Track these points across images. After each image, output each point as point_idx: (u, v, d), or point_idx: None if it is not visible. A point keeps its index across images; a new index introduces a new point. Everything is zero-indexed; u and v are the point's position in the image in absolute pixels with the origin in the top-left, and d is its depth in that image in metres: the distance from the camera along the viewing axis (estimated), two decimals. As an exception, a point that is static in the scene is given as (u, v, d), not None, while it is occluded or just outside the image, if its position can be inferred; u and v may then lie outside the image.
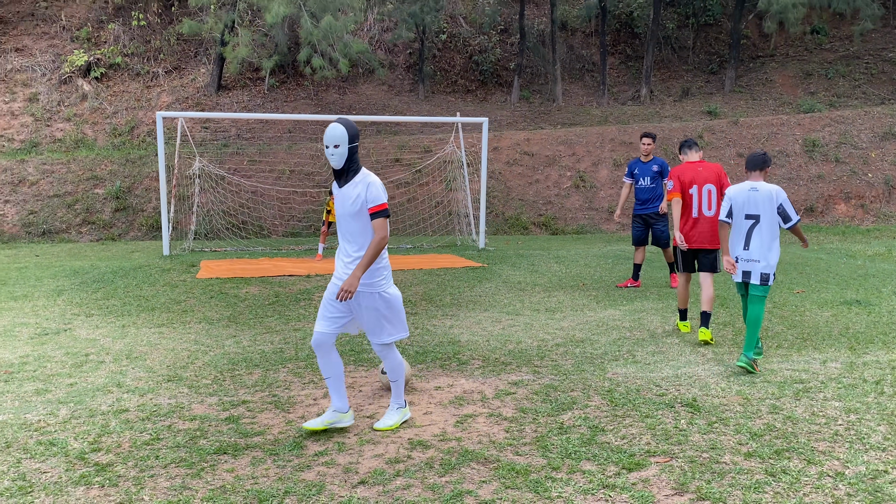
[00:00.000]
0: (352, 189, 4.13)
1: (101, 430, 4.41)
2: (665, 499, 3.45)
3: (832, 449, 4.03)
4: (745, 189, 5.84)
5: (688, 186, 6.90)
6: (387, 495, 3.50)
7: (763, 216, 5.74)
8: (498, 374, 5.56)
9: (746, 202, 5.81)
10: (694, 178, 6.90)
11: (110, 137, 21.25)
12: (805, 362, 5.82)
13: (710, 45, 28.09)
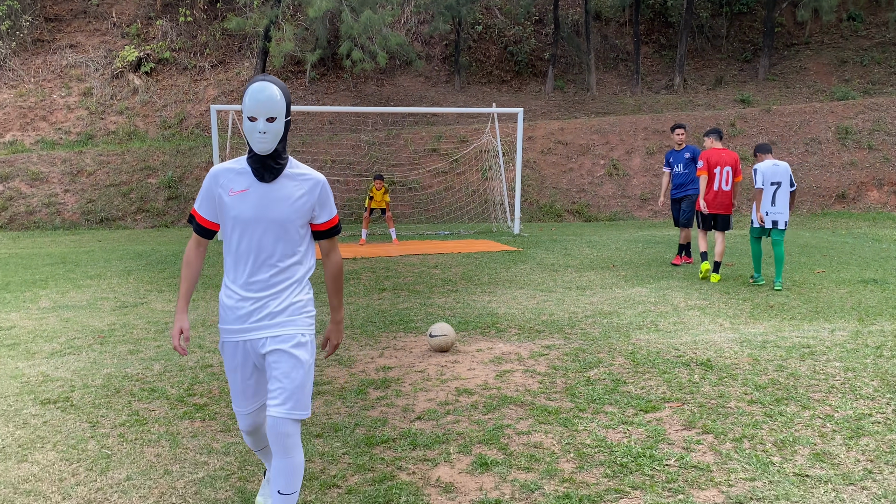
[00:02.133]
0: (288, 185, 2.73)
1: (192, 380, 5.16)
2: (675, 433, 4.07)
3: (826, 398, 4.61)
4: (770, 164, 8.38)
5: (713, 167, 9.06)
6: (440, 427, 4.18)
7: (783, 182, 8.36)
8: (532, 340, 6.21)
9: (773, 174, 8.34)
10: (718, 160, 9.06)
11: (160, 129, 22.24)
12: (814, 331, 6.37)
13: (744, 34, 28.22)
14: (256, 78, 2.61)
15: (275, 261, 2.73)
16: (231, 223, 2.71)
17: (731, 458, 3.70)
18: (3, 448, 3.96)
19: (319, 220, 2.82)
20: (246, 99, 2.61)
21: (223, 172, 2.74)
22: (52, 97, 23.12)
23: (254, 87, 2.60)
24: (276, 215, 2.70)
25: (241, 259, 2.73)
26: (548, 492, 3.36)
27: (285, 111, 2.67)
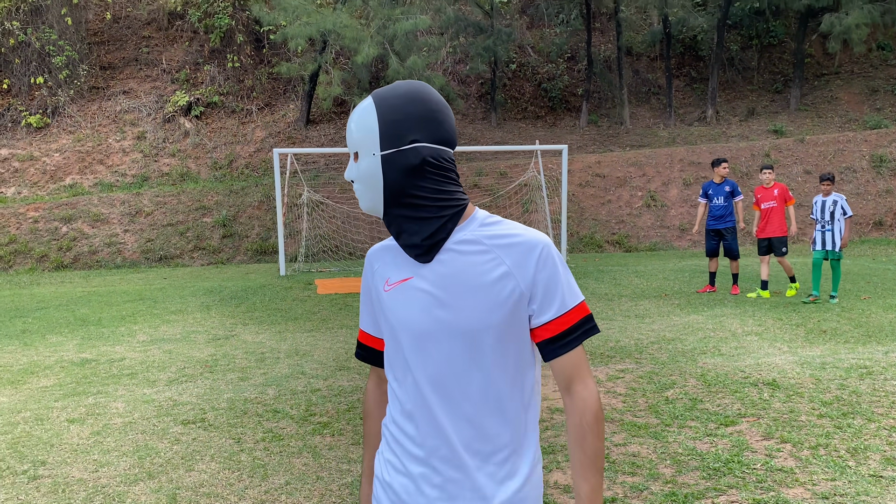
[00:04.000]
0: (469, 262, 1.50)
1: (308, 402, 5.76)
2: (756, 443, 4.57)
3: (889, 412, 5.08)
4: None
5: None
6: (544, 441, 4.72)
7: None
8: (606, 364, 6.73)
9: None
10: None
11: (212, 170, 23.20)
12: (869, 353, 6.82)
13: (775, 65, 28.74)
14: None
15: (467, 407, 1.48)
16: (388, 336, 1.59)
17: (811, 463, 4.19)
18: (170, 460, 4.57)
19: (542, 319, 1.50)
20: None
21: (378, 253, 1.66)
22: (108, 141, 24.24)
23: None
24: (456, 318, 1.48)
25: (407, 400, 1.54)
26: (654, 491, 3.88)
27: (378, 141, 1.49)
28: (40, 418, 5.55)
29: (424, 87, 1.51)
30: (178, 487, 4.12)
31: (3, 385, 6.69)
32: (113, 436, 5.09)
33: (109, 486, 4.18)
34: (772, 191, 10.57)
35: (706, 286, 11.29)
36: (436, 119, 1.51)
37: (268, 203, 20.56)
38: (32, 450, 4.83)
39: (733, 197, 10.93)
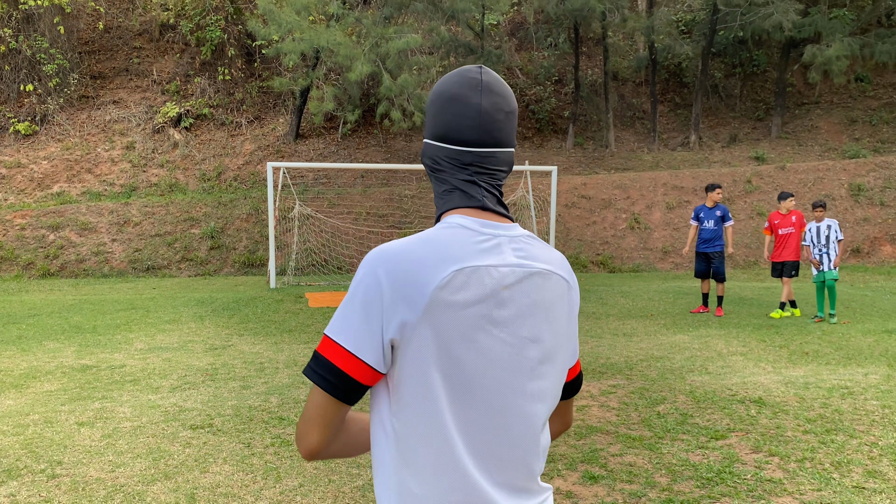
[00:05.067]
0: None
1: (312, 410, 5.92)
2: (745, 455, 4.81)
3: (869, 430, 5.34)
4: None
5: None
6: (543, 450, 4.93)
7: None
8: (598, 380, 6.96)
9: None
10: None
11: (200, 182, 23.29)
12: (850, 375, 7.10)
13: (757, 94, 29.38)
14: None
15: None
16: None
17: (798, 475, 4.43)
18: (183, 462, 4.72)
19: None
20: None
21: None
22: (97, 150, 24.25)
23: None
24: None
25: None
26: (652, 497, 4.10)
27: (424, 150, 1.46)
28: (49, 421, 5.67)
29: (441, 79, 1.41)
30: (195, 487, 4.27)
31: (7, 388, 6.78)
32: (124, 438, 5.22)
33: (128, 486, 4.33)
34: (790, 217, 11.10)
35: (700, 307, 11.64)
36: (429, 112, 1.43)
37: (256, 216, 20.67)
38: (46, 450, 4.96)
39: (724, 222, 11.29)
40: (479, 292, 1.27)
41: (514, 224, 1.39)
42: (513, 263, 1.30)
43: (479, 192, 1.36)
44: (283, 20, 19.34)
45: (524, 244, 1.35)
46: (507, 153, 1.41)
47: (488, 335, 1.28)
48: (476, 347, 1.27)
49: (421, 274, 1.24)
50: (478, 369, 1.28)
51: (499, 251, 1.31)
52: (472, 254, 1.28)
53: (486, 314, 1.28)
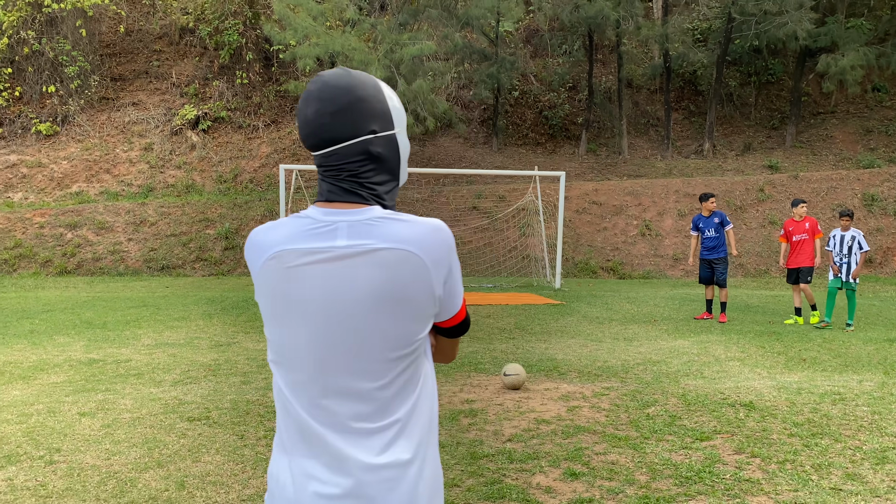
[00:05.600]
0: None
1: (307, 406, 6.06)
2: (727, 456, 4.88)
3: (855, 434, 5.39)
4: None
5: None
6: (529, 447, 5.03)
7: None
8: (592, 382, 7.04)
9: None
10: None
11: (216, 184, 23.59)
12: (844, 381, 7.14)
13: (772, 102, 29.30)
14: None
15: None
16: None
17: (777, 476, 4.50)
18: (177, 451, 4.86)
19: None
20: (400, 102, 1.75)
21: None
22: (116, 151, 24.63)
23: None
24: None
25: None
26: (629, 494, 4.19)
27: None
28: (53, 411, 5.84)
29: None
30: (185, 476, 4.41)
31: (15, 380, 6.98)
32: (122, 429, 5.38)
33: (122, 473, 4.48)
34: (803, 224, 11.22)
35: (703, 313, 11.74)
36: None
37: (271, 217, 20.89)
38: (47, 438, 5.13)
39: (723, 227, 11.37)
40: (295, 265, 1.56)
41: (366, 209, 1.59)
42: (340, 245, 1.54)
43: (324, 188, 1.62)
44: (298, 25, 19.58)
45: (368, 226, 1.56)
46: (349, 147, 1.60)
47: (307, 299, 1.56)
48: (294, 309, 1.57)
49: (259, 250, 1.60)
50: (293, 326, 1.58)
51: (331, 236, 1.55)
52: (297, 237, 1.57)
53: (304, 283, 1.56)
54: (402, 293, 1.54)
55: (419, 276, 1.55)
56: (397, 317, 1.55)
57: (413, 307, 1.56)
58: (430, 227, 1.57)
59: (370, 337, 1.55)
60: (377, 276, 1.53)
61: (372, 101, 1.61)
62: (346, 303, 1.54)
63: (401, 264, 1.54)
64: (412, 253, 1.54)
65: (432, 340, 1.75)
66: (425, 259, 1.55)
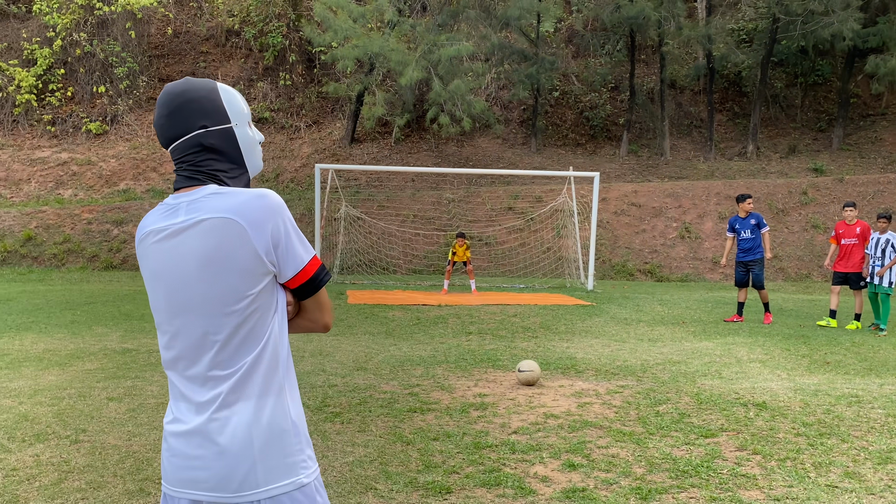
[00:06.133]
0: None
1: (324, 395, 6.25)
2: (729, 452, 4.92)
3: (865, 436, 5.36)
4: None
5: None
6: (533, 440, 5.13)
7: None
8: (608, 380, 7.10)
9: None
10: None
11: (259, 183, 24.06)
12: (864, 384, 7.07)
13: (820, 104, 28.71)
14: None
15: None
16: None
17: (775, 472, 4.53)
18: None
19: None
20: (240, 101, 1.96)
21: None
22: (162, 150, 25.31)
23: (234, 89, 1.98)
24: None
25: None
26: (623, 485, 4.27)
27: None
28: (83, 395, 6.14)
29: None
30: (199, 456, 4.63)
31: (52, 366, 7.33)
32: (146, 412, 5.64)
33: (140, 453, 4.72)
34: (854, 228, 11.05)
35: (734, 315, 11.64)
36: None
37: (309, 216, 21.26)
38: (75, 420, 5.41)
39: (759, 229, 11.27)
40: (151, 243, 1.87)
41: (202, 188, 1.85)
42: (179, 221, 1.82)
43: (177, 178, 1.90)
44: (339, 27, 19.90)
45: (201, 202, 1.81)
46: (185, 141, 1.87)
47: (159, 269, 1.86)
48: (154, 278, 1.88)
49: (138, 233, 1.92)
50: (156, 292, 1.88)
51: (174, 214, 1.84)
52: (155, 220, 1.87)
53: (155, 259, 1.86)
54: (225, 254, 1.77)
55: (239, 239, 1.77)
56: (223, 274, 1.78)
57: (237, 266, 1.77)
58: (252, 195, 1.80)
59: (206, 295, 1.79)
60: (203, 243, 1.78)
61: (203, 101, 1.86)
62: (183, 268, 1.81)
63: (222, 229, 1.77)
64: (231, 219, 1.77)
65: (290, 305, 1.94)
66: (244, 223, 1.77)
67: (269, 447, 1.78)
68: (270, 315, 1.83)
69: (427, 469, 4.50)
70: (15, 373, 7.00)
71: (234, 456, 1.76)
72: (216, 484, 1.77)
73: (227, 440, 1.76)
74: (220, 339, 1.79)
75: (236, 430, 1.76)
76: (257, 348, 1.80)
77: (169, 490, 1.86)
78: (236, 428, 1.76)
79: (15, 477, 4.27)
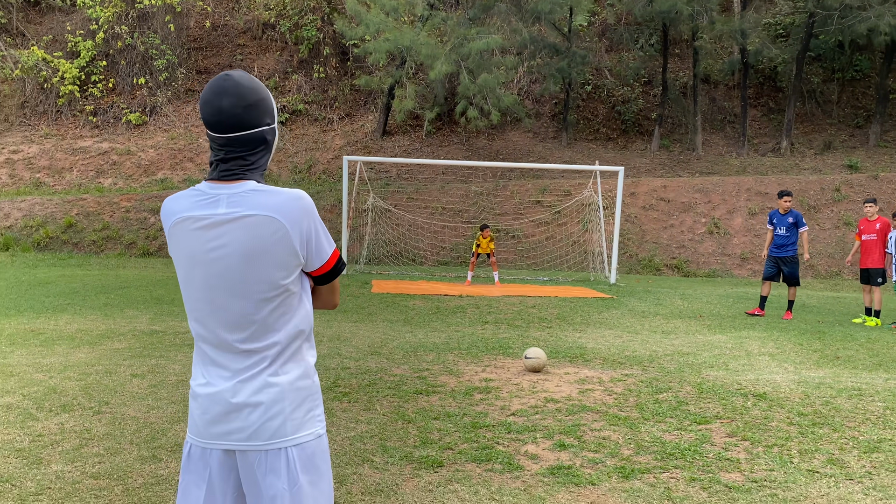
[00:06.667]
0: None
1: (336, 376, 6.53)
2: (719, 438, 5.07)
3: (858, 426, 5.47)
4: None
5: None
6: (530, 421, 5.34)
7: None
8: (614, 369, 7.27)
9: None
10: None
11: (292, 174, 24.54)
12: (870, 379, 7.13)
13: (858, 100, 28.25)
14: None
15: None
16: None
17: (760, 457, 4.68)
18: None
19: None
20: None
21: None
22: (199, 141, 25.92)
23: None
24: None
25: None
26: (608, 464, 4.47)
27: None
28: (109, 372, 6.50)
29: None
30: (210, 428, 4.93)
31: (83, 345, 7.72)
32: (166, 388, 5.97)
33: (157, 424, 5.04)
34: (874, 224, 11.17)
35: (756, 308, 11.73)
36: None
37: (340, 207, 21.60)
38: (100, 393, 5.76)
39: (797, 228, 11.30)
40: (190, 229, 2.04)
41: (242, 183, 2.04)
42: (221, 213, 2.01)
43: (216, 167, 2.07)
44: (371, 21, 20.18)
45: (242, 197, 2.01)
46: (251, 134, 2.05)
47: (198, 254, 2.04)
48: (191, 262, 2.06)
49: (168, 216, 2.09)
50: (192, 274, 2.07)
51: (215, 205, 2.02)
52: (191, 207, 2.05)
53: (194, 245, 2.04)
54: (265, 248, 2.00)
55: (279, 236, 2.00)
56: (263, 266, 2.01)
57: (276, 259, 2.02)
58: (291, 196, 2.02)
59: (244, 281, 2.03)
60: (246, 236, 1.99)
61: (268, 100, 2.09)
62: (225, 258, 2.01)
63: (264, 226, 1.99)
64: (274, 218, 1.99)
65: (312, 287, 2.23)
66: (284, 222, 2.00)
67: (296, 404, 2.08)
68: (298, 297, 2.11)
69: (423, 445, 4.74)
70: (48, 350, 7.41)
71: (268, 411, 2.04)
72: (251, 434, 2.05)
73: (263, 398, 2.04)
74: (258, 319, 2.04)
75: (270, 391, 2.05)
76: (288, 325, 2.08)
77: (199, 442, 2.12)
78: (270, 389, 2.05)
79: (40, 442, 4.61)
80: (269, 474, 2.06)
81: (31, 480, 3.98)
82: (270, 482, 2.06)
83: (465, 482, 4.15)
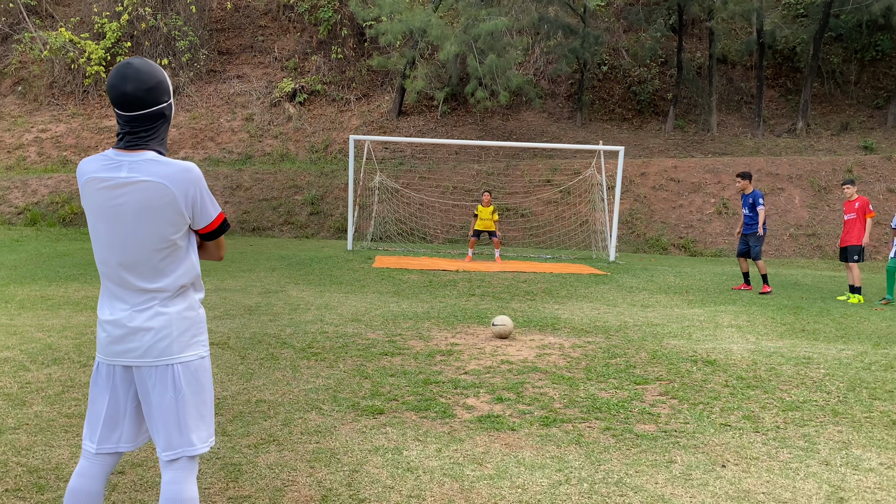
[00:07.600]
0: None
1: (312, 340, 7.01)
2: (650, 397, 5.46)
3: (790, 390, 5.81)
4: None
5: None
6: (479, 379, 5.78)
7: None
8: (578, 337, 7.66)
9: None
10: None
11: (308, 153, 25.06)
12: (825, 349, 7.43)
13: (878, 80, 27.97)
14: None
15: None
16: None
17: (681, 413, 5.07)
18: (185, 364, 5.91)
19: None
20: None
21: None
22: (220, 121, 26.54)
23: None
24: None
25: None
26: (536, 415, 4.89)
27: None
28: (105, 332, 7.05)
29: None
30: (183, 380, 5.43)
31: (85, 309, 8.31)
32: (153, 347, 6.49)
33: (136, 375, 5.56)
34: (853, 203, 11.60)
35: (742, 284, 12.34)
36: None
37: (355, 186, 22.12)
38: (90, 350, 6.31)
39: (755, 207, 11.79)
40: (96, 188, 2.50)
41: (143, 152, 2.50)
42: (122, 176, 2.47)
43: (123, 138, 2.52)
44: (383, 2, 20.52)
45: (141, 165, 2.47)
46: (153, 111, 2.51)
47: (103, 209, 2.51)
48: (97, 215, 2.52)
49: (81, 174, 2.53)
50: (98, 226, 2.55)
51: (117, 169, 2.48)
52: (98, 169, 2.50)
53: (99, 201, 2.51)
54: (156, 208, 2.49)
55: (168, 199, 2.49)
56: (155, 223, 2.50)
57: (165, 217, 2.50)
58: (181, 168, 2.50)
59: (139, 233, 2.52)
60: (141, 197, 2.47)
61: (165, 81, 2.55)
62: (123, 213, 2.49)
63: (156, 190, 2.48)
64: (164, 185, 2.48)
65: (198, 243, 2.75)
66: (173, 188, 2.48)
67: (181, 330, 2.56)
68: (185, 250, 2.60)
69: (372, 397, 5.20)
70: (53, 313, 8.00)
71: (158, 334, 2.52)
72: (144, 352, 2.53)
73: (154, 324, 2.52)
74: (150, 264, 2.53)
75: (160, 318, 2.53)
76: (176, 271, 2.57)
77: (105, 360, 2.59)
78: (160, 317, 2.53)
79: (27, 388, 5.16)
80: (159, 385, 2.55)
81: (12, 418, 4.52)
82: (160, 391, 2.55)
83: (398, 426, 4.60)
